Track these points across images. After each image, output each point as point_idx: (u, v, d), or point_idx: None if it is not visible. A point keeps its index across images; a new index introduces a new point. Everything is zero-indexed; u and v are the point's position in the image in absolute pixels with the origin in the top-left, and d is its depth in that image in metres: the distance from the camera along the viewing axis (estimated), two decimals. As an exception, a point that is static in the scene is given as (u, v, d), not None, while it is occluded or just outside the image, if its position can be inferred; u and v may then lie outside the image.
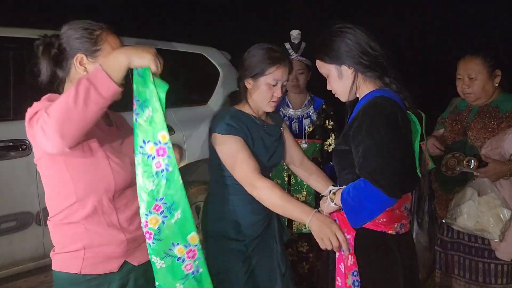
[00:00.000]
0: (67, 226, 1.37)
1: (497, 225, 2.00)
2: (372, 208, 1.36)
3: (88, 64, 1.38)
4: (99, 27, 1.40)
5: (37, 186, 2.45)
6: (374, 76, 1.48)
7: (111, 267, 1.38)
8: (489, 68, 2.11)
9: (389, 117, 1.37)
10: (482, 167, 2.04)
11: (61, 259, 1.38)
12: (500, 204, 2.01)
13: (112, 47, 1.39)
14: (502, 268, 2.14)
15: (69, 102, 1.13)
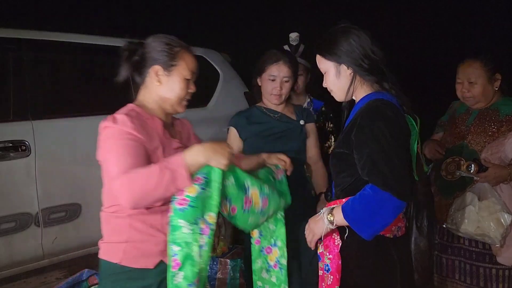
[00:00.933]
0: (115, 219, 1.48)
1: (498, 230, 1.98)
2: (385, 215, 1.33)
3: (163, 76, 1.53)
4: (179, 44, 1.55)
5: (36, 187, 2.45)
6: (373, 80, 1.48)
7: (147, 263, 1.46)
8: (489, 72, 2.10)
9: (391, 122, 1.37)
10: (482, 171, 2.03)
11: (105, 248, 1.51)
12: (500, 208, 2.00)
13: (187, 65, 1.54)
14: (503, 273, 2.12)
15: (150, 186, 1.28)
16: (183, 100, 1.57)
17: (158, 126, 1.53)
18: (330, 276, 1.48)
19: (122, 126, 1.41)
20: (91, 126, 2.69)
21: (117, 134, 1.40)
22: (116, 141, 1.39)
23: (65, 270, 2.61)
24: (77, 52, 2.86)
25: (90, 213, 2.65)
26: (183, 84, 1.54)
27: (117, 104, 1.61)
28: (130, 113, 1.48)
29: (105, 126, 1.45)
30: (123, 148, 1.37)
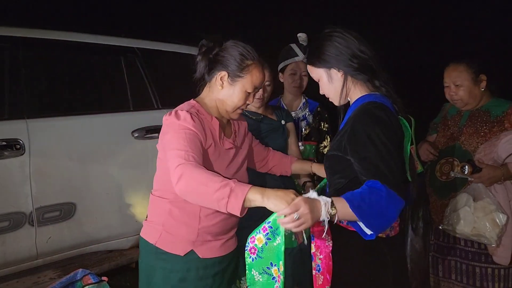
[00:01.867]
0: (158, 202, 1.62)
1: (493, 230, 2.00)
2: (392, 214, 1.31)
3: (226, 83, 1.60)
4: (252, 58, 1.60)
5: (30, 186, 2.43)
6: (364, 79, 1.49)
7: (178, 250, 1.57)
8: (473, 74, 2.16)
9: (386, 125, 1.38)
10: (476, 172, 2.05)
11: (146, 227, 1.66)
12: (495, 209, 2.02)
13: (252, 80, 1.59)
14: (499, 273, 2.15)
15: (204, 189, 1.31)
16: (238, 109, 1.63)
17: (215, 126, 1.61)
18: (321, 276, 1.50)
19: (183, 122, 1.50)
20: (86, 125, 2.71)
21: (177, 127, 1.50)
22: (178, 133, 1.48)
23: (59, 270, 2.59)
24: (73, 51, 2.84)
25: (85, 212, 2.64)
26: (242, 95, 1.60)
27: (113, 103, 1.61)
28: (191, 110, 1.58)
29: (168, 120, 1.54)
30: (183, 138, 1.46)
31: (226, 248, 1.68)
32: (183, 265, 1.58)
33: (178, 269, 1.58)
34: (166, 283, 1.58)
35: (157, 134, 2.93)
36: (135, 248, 2.97)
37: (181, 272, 1.58)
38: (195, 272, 1.59)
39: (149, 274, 1.62)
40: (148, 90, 3.08)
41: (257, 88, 1.62)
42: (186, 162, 1.38)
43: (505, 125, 2.11)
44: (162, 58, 3.35)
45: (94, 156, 2.69)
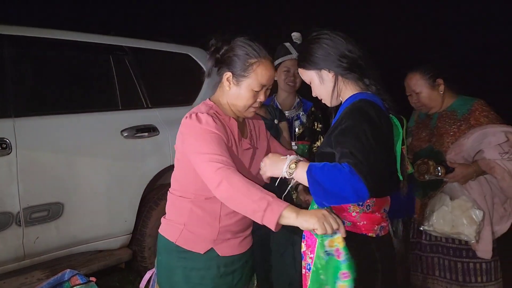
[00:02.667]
0: (179, 201, 1.62)
1: (471, 226, 2.07)
2: (346, 196, 1.31)
3: (232, 84, 1.58)
4: (257, 55, 1.55)
5: (17, 186, 2.40)
6: (355, 78, 1.51)
7: (199, 248, 1.59)
8: (429, 80, 2.25)
9: (374, 122, 1.39)
10: (449, 172, 2.12)
11: (165, 225, 1.67)
12: (471, 206, 2.09)
13: (257, 78, 1.55)
14: (481, 267, 2.20)
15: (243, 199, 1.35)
16: (249, 108, 1.60)
17: (234, 127, 1.61)
18: (309, 274, 1.49)
19: (206, 126, 1.49)
20: (74, 124, 2.69)
21: (201, 131, 1.49)
22: (204, 137, 1.47)
23: (47, 270, 2.56)
24: (61, 49, 2.82)
25: (73, 212, 2.62)
26: (249, 94, 1.57)
27: (102, 102, 1.59)
28: (210, 112, 1.56)
29: (189, 123, 1.53)
30: (212, 142, 1.46)
31: (244, 246, 1.70)
32: (204, 263, 1.60)
33: (198, 267, 1.59)
34: (187, 281, 1.60)
35: (146, 133, 2.93)
36: (124, 248, 2.95)
37: (202, 270, 1.60)
38: (216, 270, 1.61)
39: (169, 272, 1.64)
40: (138, 89, 3.07)
41: (265, 85, 1.58)
42: (224, 166, 1.39)
43: (471, 122, 2.18)
44: (152, 56, 3.33)
45: (82, 156, 2.66)
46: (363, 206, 1.49)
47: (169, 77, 3.51)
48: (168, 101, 3.30)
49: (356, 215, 1.50)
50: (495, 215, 2.17)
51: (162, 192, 3.10)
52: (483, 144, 2.09)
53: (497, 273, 2.23)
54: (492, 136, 2.07)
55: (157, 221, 3.00)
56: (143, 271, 2.78)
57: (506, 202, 2.17)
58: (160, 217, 2.96)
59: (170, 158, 3.05)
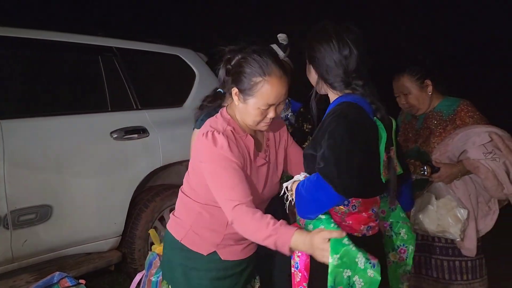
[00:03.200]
0: (190, 201, 1.64)
1: (456, 225, 2.10)
2: (322, 201, 1.38)
3: (240, 100, 1.53)
4: (262, 74, 1.47)
5: (5, 188, 2.38)
6: (337, 89, 1.52)
7: (202, 250, 1.62)
8: (418, 81, 2.26)
9: (351, 123, 1.40)
10: (435, 172, 2.14)
11: (173, 222, 1.70)
12: (456, 205, 2.12)
13: (263, 98, 1.48)
14: (466, 265, 2.23)
15: (252, 237, 1.43)
16: (260, 123, 1.55)
17: (250, 144, 1.59)
18: (299, 273, 1.52)
19: (221, 150, 1.48)
20: (63, 126, 2.67)
21: (217, 157, 1.48)
22: (220, 165, 1.48)
23: (35, 273, 2.54)
24: (49, 50, 2.80)
25: (61, 215, 2.60)
26: (257, 112, 1.51)
27: (91, 104, 1.58)
28: (227, 130, 1.54)
29: (205, 144, 1.51)
30: (227, 173, 1.47)
31: (246, 252, 1.70)
32: (204, 264, 1.63)
33: (199, 268, 1.63)
34: (186, 279, 1.64)
35: (136, 135, 2.92)
36: (113, 251, 2.93)
37: (201, 271, 1.63)
38: (215, 273, 1.64)
39: (170, 267, 1.69)
40: (127, 90, 3.05)
41: (273, 104, 1.51)
42: (238, 205, 1.43)
43: (457, 123, 2.21)
44: (142, 57, 3.32)
45: (71, 158, 2.64)
46: (349, 206, 1.51)
47: (159, 78, 3.50)
48: (158, 103, 3.29)
49: (342, 215, 1.52)
50: (479, 214, 2.19)
51: (152, 194, 3.09)
52: (467, 144, 2.11)
53: (481, 271, 2.25)
54: (476, 136, 2.09)
55: (147, 223, 3.00)
56: (133, 273, 2.76)
57: (490, 201, 2.20)
58: (149, 219, 3.00)
59: (160, 160, 3.04)
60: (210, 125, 1.55)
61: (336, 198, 1.36)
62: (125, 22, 5.77)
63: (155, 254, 2.11)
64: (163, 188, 3.18)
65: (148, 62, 3.39)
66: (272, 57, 1.51)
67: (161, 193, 3.12)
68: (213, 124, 1.56)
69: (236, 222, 1.44)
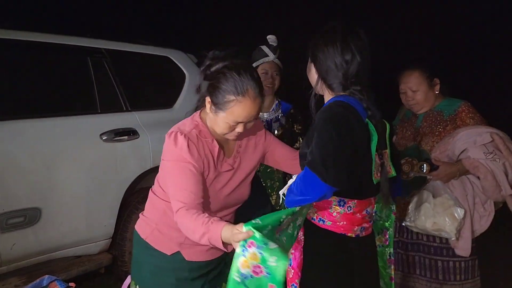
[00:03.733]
0: (157, 199, 1.67)
1: (452, 224, 2.10)
2: (308, 194, 1.40)
3: (210, 110, 1.54)
4: (236, 94, 1.47)
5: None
6: (336, 90, 1.53)
7: (166, 249, 1.64)
8: (428, 79, 2.27)
9: (339, 121, 1.42)
10: (433, 170, 2.15)
11: (141, 221, 1.74)
12: (453, 204, 2.13)
13: (232, 116, 1.49)
14: (460, 265, 2.24)
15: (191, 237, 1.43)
16: (227, 135, 1.57)
17: (214, 150, 1.58)
18: (292, 270, 1.53)
19: (179, 151, 1.51)
20: (51, 128, 2.65)
21: (175, 157, 1.52)
22: (176, 166, 1.52)
23: (24, 276, 2.52)
24: (38, 51, 2.77)
25: (51, 217, 2.58)
26: (224, 126, 1.53)
27: (80, 105, 1.57)
28: (192, 132, 1.55)
29: (167, 142, 1.55)
30: (181, 175, 1.49)
31: (212, 254, 1.69)
32: (169, 263, 1.64)
33: (164, 266, 1.65)
34: (153, 277, 1.66)
35: (126, 136, 2.91)
36: (104, 253, 2.92)
37: (167, 269, 1.65)
38: (180, 273, 1.65)
39: (138, 265, 1.72)
40: (117, 91, 3.04)
41: (241, 122, 1.52)
42: (182, 208, 1.45)
43: (457, 123, 2.22)
44: (131, 59, 3.31)
45: (60, 160, 2.62)
46: (344, 207, 1.52)
47: (149, 80, 3.49)
48: (148, 104, 3.28)
49: (337, 215, 1.53)
50: (475, 215, 2.20)
51: (142, 196, 3.08)
52: (468, 143, 2.11)
53: (474, 272, 2.27)
54: (477, 136, 2.10)
55: (138, 225, 2.99)
56: (123, 276, 2.75)
57: (486, 202, 2.20)
58: (140, 221, 2.99)
59: (150, 162, 3.03)
60: (178, 126, 1.59)
61: (323, 188, 1.37)
62: (114, 24, 5.74)
63: (146, 256, 2.11)
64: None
65: (138, 64, 3.38)
66: (250, 76, 1.49)
67: (151, 195, 3.10)
68: (180, 126, 1.59)
69: (179, 224, 1.46)
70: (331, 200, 1.52)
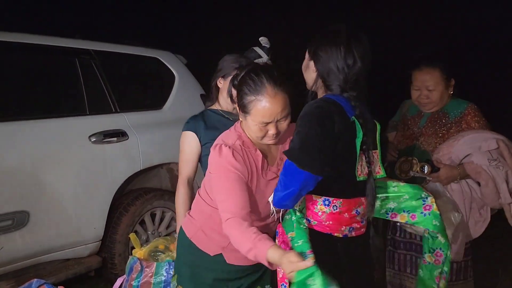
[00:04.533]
0: (204, 203, 1.71)
1: (449, 228, 2.06)
2: (290, 183, 1.42)
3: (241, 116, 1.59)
4: (254, 94, 1.50)
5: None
6: (335, 90, 1.54)
7: (209, 250, 1.69)
8: (446, 79, 2.20)
9: (320, 113, 1.44)
10: (434, 172, 2.11)
11: (187, 220, 1.80)
12: (451, 208, 2.08)
13: (257, 116, 1.51)
14: (452, 266, 2.22)
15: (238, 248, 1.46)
16: (264, 138, 1.57)
17: (258, 159, 1.60)
18: (281, 270, 1.54)
19: (224, 160, 1.53)
20: (40, 130, 2.62)
21: (221, 168, 1.54)
22: (221, 176, 1.54)
23: (12, 280, 2.49)
24: (25, 53, 2.75)
25: (39, 220, 2.55)
26: (255, 129, 1.54)
27: (68, 107, 1.55)
28: (236, 143, 1.58)
29: (212, 155, 1.58)
30: (227, 184, 1.52)
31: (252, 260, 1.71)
32: (210, 263, 1.70)
33: (204, 266, 1.71)
34: (191, 275, 1.73)
35: (115, 138, 2.89)
36: (93, 256, 2.89)
37: (206, 269, 1.70)
38: (219, 274, 1.70)
39: (179, 262, 1.80)
40: (105, 93, 3.02)
41: (269, 121, 1.51)
42: (230, 218, 1.47)
43: (462, 126, 2.19)
44: (120, 60, 3.29)
45: (49, 162, 2.60)
46: (330, 206, 1.53)
47: (138, 81, 3.48)
48: (137, 105, 3.26)
49: (322, 215, 1.54)
50: (470, 220, 2.18)
51: (132, 198, 3.06)
52: (473, 148, 2.07)
53: (467, 273, 2.26)
54: (483, 141, 2.06)
55: (128, 227, 2.97)
56: (113, 279, 2.73)
57: (482, 208, 2.18)
58: (130, 223, 2.97)
59: (140, 163, 3.02)
60: (222, 139, 1.61)
61: (301, 174, 1.39)
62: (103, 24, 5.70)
63: (136, 259, 2.09)
64: (143, 192, 3.15)
65: (127, 65, 3.36)
66: (268, 74, 1.51)
67: (141, 197, 3.09)
68: (224, 138, 1.61)
69: (228, 234, 1.49)
70: (316, 200, 1.53)
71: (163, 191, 3.26)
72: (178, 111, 3.36)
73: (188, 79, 3.57)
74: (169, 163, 3.30)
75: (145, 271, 2.04)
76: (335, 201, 1.53)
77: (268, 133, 1.54)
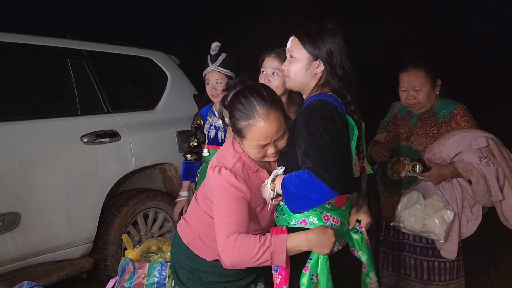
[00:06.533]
0: (201, 210, 1.67)
1: (442, 226, 2.10)
2: (315, 199, 1.40)
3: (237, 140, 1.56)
4: (246, 118, 1.46)
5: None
6: (333, 84, 1.55)
7: (206, 256, 1.67)
8: (432, 79, 2.23)
9: (326, 119, 1.44)
10: (426, 171, 2.14)
11: (184, 225, 1.75)
12: (443, 206, 2.12)
13: (254, 140, 1.48)
14: (445, 266, 2.26)
15: (248, 258, 1.40)
16: (264, 158, 1.55)
17: (259, 179, 1.57)
18: (278, 276, 1.54)
19: (225, 180, 1.49)
20: (31, 131, 2.60)
21: (222, 188, 1.50)
22: (222, 196, 1.50)
23: (3, 283, 2.47)
24: (16, 53, 2.72)
25: (30, 222, 2.53)
26: (254, 151, 1.51)
27: (60, 108, 1.54)
28: (237, 166, 1.53)
29: (212, 177, 1.53)
30: (228, 205, 1.48)
31: None
32: (207, 268, 1.69)
33: (202, 270, 1.69)
34: (188, 277, 1.71)
35: (107, 138, 2.87)
36: (85, 257, 2.87)
37: (204, 273, 1.69)
38: (216, 277, 1.69)
39: (176, 264, 1.76)
40: (97, 93, 3.00)
41: (266, 143, 1.49)
42: (233, 233, 1.43)
43: (452, 125, 2.22)
44: (112, 60, 3.27)
45: (40, 163, 2.57)
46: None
47: (130, 81, 3.46)
48: (130, 106, 3.24)
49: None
50: (463, 218, 2.21)
51: (124, 199, 3.04)
52: (463, 147, 2.10)
53: (459, 272, 2.29)
54: (473, 140, 2.09)
55: (120, 228, 2.96)
56: (106, 280, 2.71)
57: (474, 206, 2.22)
58: (122, 224, 2.96)
59: (132, 164, 3.00)
60: (220, 161, 1.55)
61: (329, 194, 1.37)
62: (95, 25, 5.66)
63: (128, 260, 2.08)
64: (136, 192, 3.13)
65: (119, 65, 3.34)
66: (257, 95, 1.47)
67: (134, 198, 3.07)
68: (222, 160, 1.56)
69: (229, 249, 1.42)
70: None
71: (156, 192, 3.24)
72: (170, 111, 3.35)
73: (180, 79, 3.56)
74: (162, 164, 3.29)
75: (138, 272, 2.03)
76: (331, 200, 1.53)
77: (268, 153, 1.52)
